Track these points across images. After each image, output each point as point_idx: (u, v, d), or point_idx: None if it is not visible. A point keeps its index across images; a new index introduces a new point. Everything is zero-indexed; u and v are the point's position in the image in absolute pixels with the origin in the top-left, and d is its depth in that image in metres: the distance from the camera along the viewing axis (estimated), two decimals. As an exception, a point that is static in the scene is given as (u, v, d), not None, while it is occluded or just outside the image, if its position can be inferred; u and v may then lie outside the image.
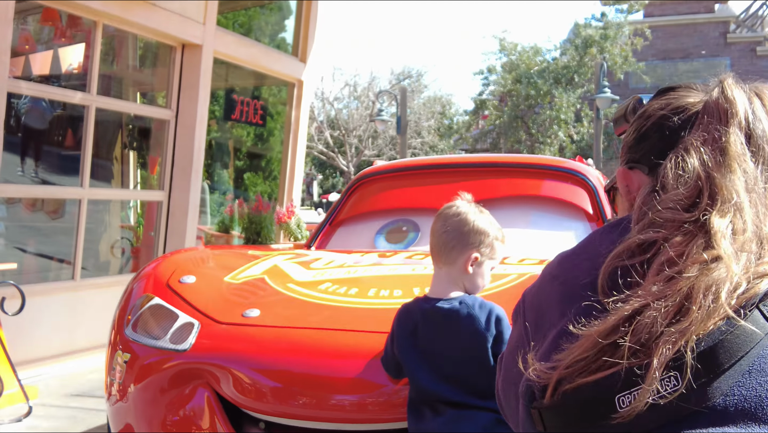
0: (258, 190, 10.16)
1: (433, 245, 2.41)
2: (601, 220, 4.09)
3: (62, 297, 6.35)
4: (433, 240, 2.41)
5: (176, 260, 3.49)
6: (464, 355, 2.30)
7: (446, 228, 2.39)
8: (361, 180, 4.68)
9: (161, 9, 6.86)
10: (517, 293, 2.82)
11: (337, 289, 3.05)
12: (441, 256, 2.39)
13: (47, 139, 7.46)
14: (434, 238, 2.41)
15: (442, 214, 2.42)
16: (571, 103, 19.50)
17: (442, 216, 2.41)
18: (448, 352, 2.30)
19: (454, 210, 2.41)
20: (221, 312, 2.98)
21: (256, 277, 3.29)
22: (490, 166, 4.54)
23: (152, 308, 3.10)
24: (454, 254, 2.37)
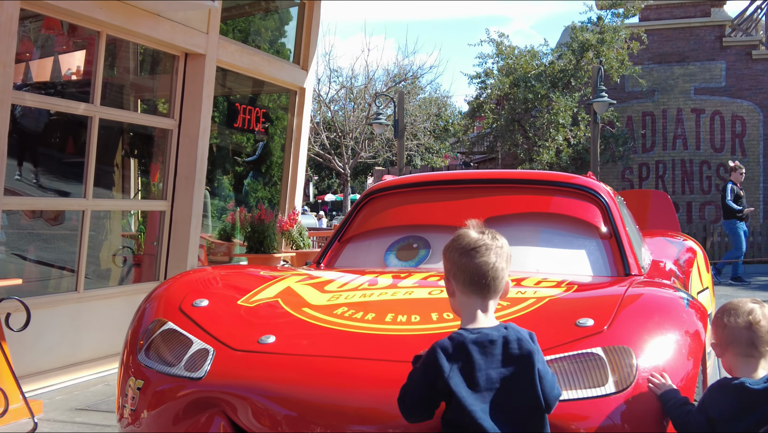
0: (258, 196, 10.13)
1: (486, 276, 2.32)
2: (613, 237, 4.07)
3: (66, 309, 6.31)
4: (486, 271, 2.32)
5: (188, 281, 3.46)
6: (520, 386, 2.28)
7: (498, 257, 2.35)
8: (370, 196, 4.65)
9: (165, 19, 6.83)
10: (537, 318, 2.83)
11: (354, 314, 3.02)
12: (494, 287, 2.34)
13: (50, 149, 7.42)
14: (487, 269, 2.32)
15: (487, 245, 2.34)
16: (569, 107, 19.48)
17: (490, 247, 2.34)
18: (506, 385, 2.26)
19: (493, 238, 2.38)
20: (236, 338, 2.96)
21: (269, 300, 3.27)
22: (500, 182, 4.52)
23: (165, 333, 3.08)
24: (503, 283, 2.37)
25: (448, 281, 2.41)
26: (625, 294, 2.99)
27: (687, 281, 4.67)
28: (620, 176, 21.87)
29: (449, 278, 2.40)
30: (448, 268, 2.40)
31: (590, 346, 2.63)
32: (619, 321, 2.75)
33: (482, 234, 2.38)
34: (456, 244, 2.38)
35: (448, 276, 2.41)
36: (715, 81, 21.30)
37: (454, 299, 2.41)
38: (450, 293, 2.42)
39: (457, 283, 2.36)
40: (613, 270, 3.95)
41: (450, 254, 2.38)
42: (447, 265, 2.41)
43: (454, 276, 2.38)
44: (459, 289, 2.36)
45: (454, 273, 2.37)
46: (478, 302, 2.35)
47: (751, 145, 21.02)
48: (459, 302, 2.39)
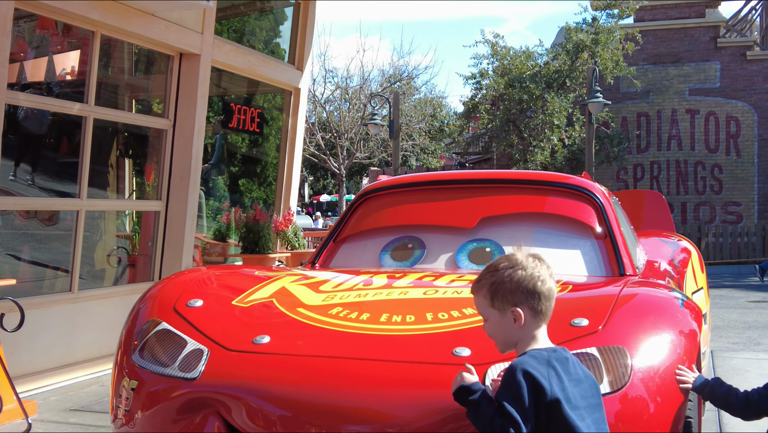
0: (253, 196, 10.12)
1: (550, 303, 2.37)
2: (608, 238, 4.07)
3: (60, 309, 6.29)
4: (550, 299, 2.36)
5: (182, 281, 3.45)
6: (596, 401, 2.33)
7: (553, 277, 2.40)
8: (365, 196, 4.64)
9: (159, 19, 6.81)
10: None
11: (348, 314, 3.02)
12: (550, 312, 2.39)
13: (44, 149, 7.41)
14: (551, 298, 2.36)
15: (547, 272, 2.37)
16: (564, 107, 19.50)
17: (550, 274, 2.38)
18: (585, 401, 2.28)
19: (543, 258, 2.42)
20: (230, 338, 2.95)
21: (264, 300, 3.26)
22: (495, 182, 4.51)
23: (159, 333, 3.07)
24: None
25: (519, 311, 2.32)
26: (620, 294, 3.00)
27: (682, 282, 4.67)
28: (615, 177, 21.91)
29: (520, 307, 2.32)
30: (522, 298, 2.33)
31: (585, 346, 2.63)
32: (613, 321, 2.76)
33: (541, 261, 2.40)
34: (536, 273, 2.34)
35: (519, 304, 2.32)
36: (709, 82, 21.36)
37: (522, 329, 2.34)
38: (517, 323, 2.33)
39: (533, 311, 2.32)
40: (608, 270, 3.95)
41: (528, 283, 2.32)
42: (520, 295, 2.33)
43: (531, 306, 2.33)
44: (535, 316, 2.33)
45: (531, 302, 2.32)
46: (544, 325, 2.37)
47: (745, 146, 21.08)
48: (527, 330, 2.34)
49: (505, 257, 2.42)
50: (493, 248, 4.14)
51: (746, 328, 9.38)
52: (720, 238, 19.38)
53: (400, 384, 2.60)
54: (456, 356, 2.66)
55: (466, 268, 4.04)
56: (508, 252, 2.45)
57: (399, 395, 2.56)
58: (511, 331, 2.36)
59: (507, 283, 2.35)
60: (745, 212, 21.02)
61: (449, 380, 2.40)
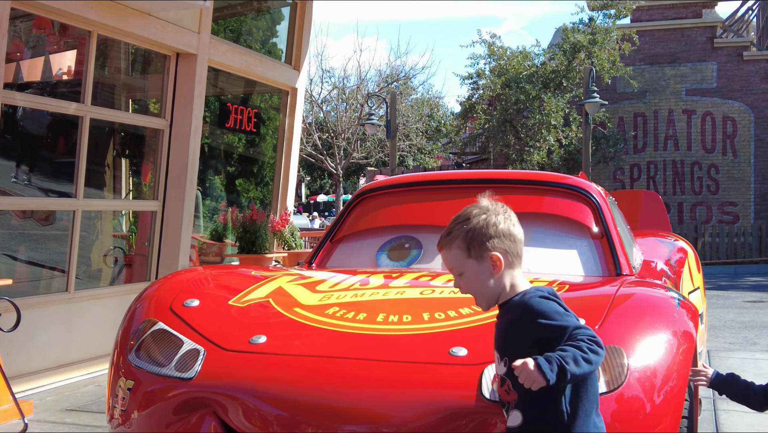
0: (250, 196, 10.11)
1: (522, 246, 2.35)
2: (605, 237, 4.08)
3: (56, 309, 6.28)
4: (522, 242, 2.35)
5: (179, 281, 3.45)
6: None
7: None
8: (361, 196, 4.64)
9: (156, 19, 6.81)
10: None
11: (345, 314, 3.02)
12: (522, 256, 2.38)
13: (40, 149, 7.39)
14: (522, 241, 2.36)
15: (514, 216, 2.38)
16: (560, 107, 19.51)
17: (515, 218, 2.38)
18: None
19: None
20: (227, 338, 2.95)
21: (261, 300, 3.26)
22: (492, 182, 4.50)
23: (156, 333, 3.07)
24: None
25: (499, 257, 2.27)
26: (617, 294, 3.00)
27: (678, 281, 4.68)
28: (612, 177, 21.92)
29: (500, 253, 2.27)
30: (497, 243, 2.27)
31: None
32: (610, 321, 2.76)
33: (506, 206, 2.39)
34: (507, 216, 2.33)
35: (498, 250, 2.27)
36: (706, 82, 21.37)
37: (502, 276, 2.29)
38: (496, 269, 2.28)
39: (512, 255, 2.30)
40: (604, 270, 3.96)
41: (504, 227, 2.29)
42: (496, 240, 2.27)
43: (509, 249, 2.29)
44: (514, 260, 2.31)
45: (509, 246, 2.29)
46: (521, 271, 2.35)
47: (741, 146, 21.10)
48: (507, 276, 2.30)
49: (472, 205, 2.37)
50: (489, 248, 4.13)
51: (742, 328, 9.39)
52: (716, 238, 19.40)
53: (397, 384, 2.60)
54: (453, 355, 2.66)
55: (463, 268, 4.03)
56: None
57: (396, 395, 2.56)
58: (492, 279, 2.31)
59: (483, 228, 2.29)
60: (741, 212, 21.04)
61: (446, 380, 2.39)
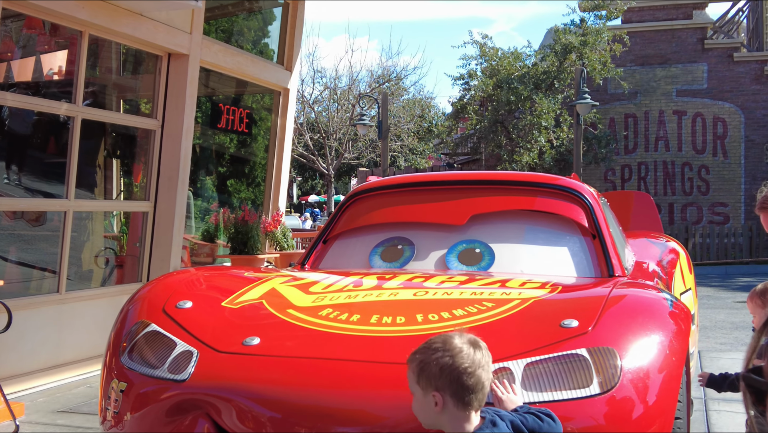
0: (241, 197, 10.10)
1: (485, 393, 2.29)
2: (597, 238, 4.09)
3: (48, 310, 6.26)
4: (485, 388, 2.28)
5: (171, 283, 3.44)
6: None
7: (490, 367, 2.33)
8: (354, 197, 4.64)
9: (148, 19, 6.79)
10: (521, 319, 2.84)
11: (338, 315, 3.01)
12: (478, 402, 2.31)
13: (31, 149, 7.36)
14: (488, 385, 2.30)
15: (488, 363, 2.31)
16: (552, 108, 19.54)
17: (488, 360, 2.31)
18: None
19: (487, 352, 2.33)
20: (220, 340, 2.94)
21: (254, 301, 3.25)
22: (485, 183, 4.52)
23: (148, 334, 3.06)
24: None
25: (440, 396, 2.24)
26: (610, 295, 3.00)
27: (670, 282, 4.69)
28: (603, 178, 21.97)
29: (441, 393, 2.24)
30: (442, 384, 2.24)
31: (575, 347, 2.63)
32: (603, 322, 2.76)
33: (479, 349, 2.30)
34: (458, 363, 2.24)
35: (440, 392, 2.25)
36: (696, 83, 21.44)
37: (442, 415, 2.26)
38: (437, 408, 2.26)
39: (456, 400, 2.24)
40: (596, 271, 3.97)
41: (451, 372, 2.24)
42: (441, 381, 2.24)
43: (453, 393, 2.24)
44: (456, 405, 2.24)
45: (454, 390, 2.24)
46: (473, 413, 2.28)
47: (732, 147, 21.18)
48: (450, 416, 2.26)
49: (442, 337, 2.32)
50: (482, 249, 4.14)
51: (733, 328, 9.43)
52: (707, 238, 19.46)
53: (391, 385, 2.59)
54: None
55: (456, 269, 4.04)
56: (451, 335, 2.34)
57: (389, 397, 2.56)
58: (432, 414, 2.28)
59: (432, 366, 2.26)
60: (731, 213, 21.12)
61: None
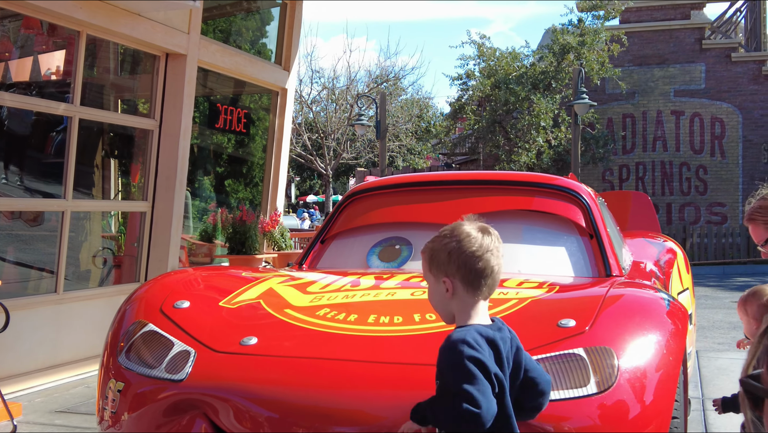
0: (239, 197, 10.09)
1: (495, 279, 2.24)
2: (595, 238, 4.09)
3: (45, 310, 6.25)
4: (495, 274, 2.23)
5: (169, 283, 3.44)
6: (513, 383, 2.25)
7: (501, 259, 2.26)
8: (352, 197, 4.64)
9: (145, 19, 6.79)
10: (519, 319, 2.84)
11: (336, 315, 3.02)
12: (495, 287, 2.27)
13: (28, 149, 7.35)
14: (496, 271, 2.23)
15: (497, 248, 2.24)
16: (550, 108, 19.55)
17: (498, 250, 2.24)
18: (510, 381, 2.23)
19: (497, 239, 2.27)
20: (217, 340, 2.95)
21: (251, 301, 3.26)
22: (482, 183, 4.52)
23: (146, 334, 3.06)
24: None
25: (450, 281, 2.23)
26: (607, 295, 3.01)
27: (667, 282, 4.70)
28: (600, 178, 21.99)
29: (451, 279, 2.23)
30: (451, 269, 2.22)
31: (572, 346, 2.64)
32: (600, 322, 2.77)
33: (489, 234, 2.26)
34: (468, 245, 2.22)
35: (450, 277, 2.23)
36: (694, 83, 21.46)
37: (453, 300, 2.24)
38: (448, 293, 2.24)
39: (465, 284, 2.22)
40: (594, 271, 3.97)
41: (459, 255, 2.22)
42: (450, 267, 2.22)
43: (462, 278, 2.21)
44: (467, 290, 2.23)
45: (463, 275, 2.21)
46: (483, 301, 2.25)
47: (730, 147, 21.20)
48: (461, 302, 2.25)
49: (451, 225, 2.30)
50: (480, 249, 4.14)
51: (731, 328, 9.43)
52: (705, 238, 19.47)
53: (388, 385, 2.60)
54: None
55: (454, 269, 4.04)
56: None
57: (387, 397, 2.56)
58: (444, 301, 2.27)
59: (442, 252, 2.25)
60: (729, 213, 21.14)
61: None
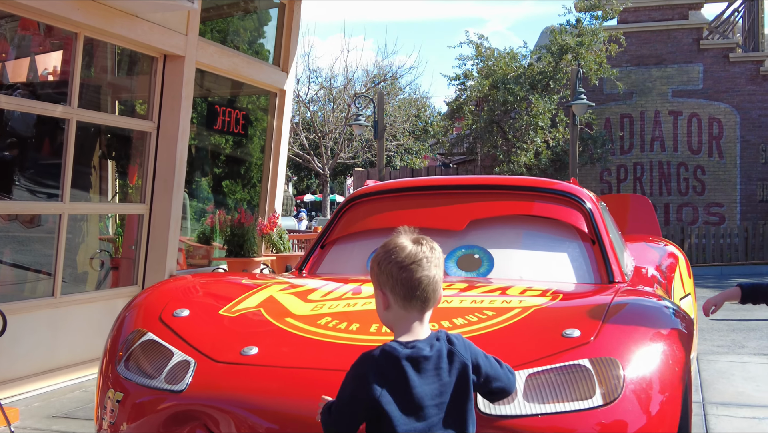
0: (237, 198, 10.05)
1: (427, 290, 2.17)
2: (597, 244, 4.06)
3: (42, 314, 6.21)
4: (427, 284, 2.17)
5: (168, 290, 3.41)
6: (453, 400, 2.17)
7: (437, 268, 2.21)
8: (352, 201, 4.61)
9: (143, 20, 6.74)
10: (523, 328, 2.81)
11: (338, 324, 2.98)
12: (433, 299, 2.21)
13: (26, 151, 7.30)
14: (428, 282, 2.17)
15: (427, 258, 2.18)
16: (548, 109, 19.52)
17: (430, 259, 2.18)
18: (436, 400, 2.15)
19: (431, 248, 2.22)
20: (218, 349, 2.91)
21: (252, 309, 3.22)
22: (484, 188, 4.49)
23: (145, 343, 3.02)
24: (440, 293, 2.24)
25: (383, 294, 2.21)
26: (611, 303, 2.98)
27: (669, 287, 4.67)
28: (598, 178, 21.97)
29: (384, 291, 2.20)
30: (383, 281, 2.20)
31: (577, 357, 2.61)
32: (605, 332, 2.73)
33: (420, 245, 2.21)
34: (394, 257, 2.18)
35: (383, 289, 2.20)
36: (692, 83, 21.45)
37: (389, 312, 2.22)
38: (383, 306, 2.22)
39: (395, 297, 2.18)
40: (596, 277, 3.94)
41: (387, 267, 2.18)
42: (381, 278, 2.20)
43: (392, 290, 2.18)
44: (397, 303, 2.20)
45: (392, 287, 2.18)
46: (417, 315, 2.21)
47: (728, 148, 21.19)
48: (395, 315, 2.21)
49: (391, 238, 2.26)
50: (481, 255, 4.11)
51: (730, 330, 9.41)
52: (703, 239, 19.46)
53: None
54: None
55: (455, 275, 4.01)
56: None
57: None
58: (382, 313, 2.25)
59: (374, 264, 2.23)
60: (727, 213, 21.14)
61: None
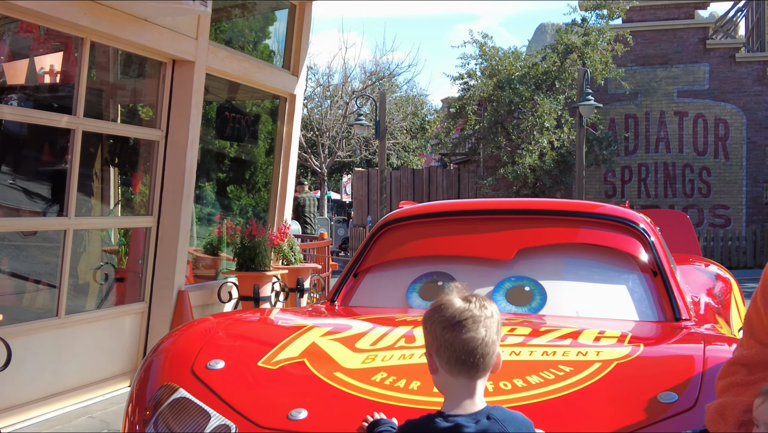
0: (242, 204, 9.72)
1: (474, 354, 1.97)
2: (659, 275, 3.73)
3: (46, 336, 5.85)
4: (474, 347, 1.96)
5: (199, 335, 3.06)
6: None
7: (488, 330, 1.99)
8: (387, 225, 4.27)
9: (153, 25, 6.37)
10: (611, 389, 2.47)
11: (395, 382, 2.65)
12: (483, 365, 2.00)
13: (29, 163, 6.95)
14: (475, 345, 1.97)
15: (474, 317, 1.99)
16: (554, 109, 19.21)
17: (478, 319, 1.99)
18: None
19: (481, 306, 2.02)
20: (261, 412, 2.57)
21: (294, 361, 2.87)
22: (530, 213, 4.15)
23: (177, 402, 2.67)
24: (494, 359, 2.03)
25: (430, 357, 2.05)
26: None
27: (728, 318, 4.35)
28: (603, 179, 21.70)
29: (431, 353, 2.04)
30: (429, 342, 2.04)
31: (680, 428, 2.28)
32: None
33: (468, 303, 2.02)
34: (438, 316, 2.02)
35: (430, 351, 2.05)
36: (698, 84, 21.17)
37: (437, 377, 2.05)
38: (432, 370, 2.06)
39: (440, 360, 2.01)
40: (659, 313, 3.61)
41: (431, 326, 2.02)
42: (428, 338, 2.05)
43: (436, 352, 2.02)
44: (443, 367, 2.01)
45: (436, 349, 2.01)
46: (465, 382, 2.00)
47: (733, 149, 20.93)
48: (443, 381, 2.04)
49: (440, 295, 2.10)
50: (532, 287, 3.78)
51: (755, 344, 9.12)
52: (711, 242, 19.21)
53: None
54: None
55: (505, 310, 3.67)
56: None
57: None
58: (433, 377, 2.09)
59: (423, 322, 2.08)
60: (733, 215, 20.88)
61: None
